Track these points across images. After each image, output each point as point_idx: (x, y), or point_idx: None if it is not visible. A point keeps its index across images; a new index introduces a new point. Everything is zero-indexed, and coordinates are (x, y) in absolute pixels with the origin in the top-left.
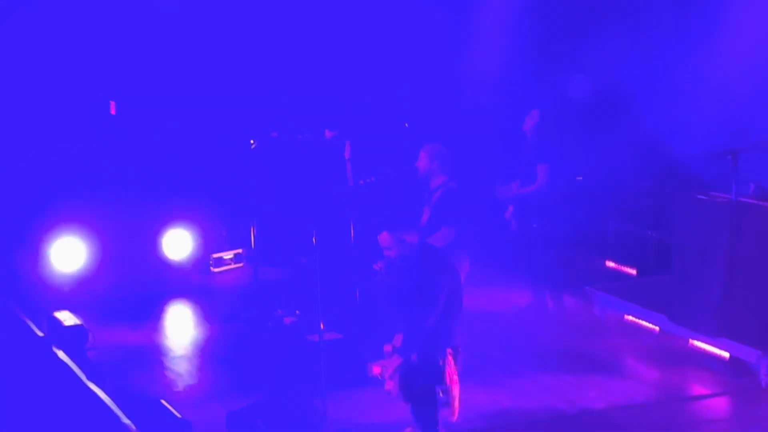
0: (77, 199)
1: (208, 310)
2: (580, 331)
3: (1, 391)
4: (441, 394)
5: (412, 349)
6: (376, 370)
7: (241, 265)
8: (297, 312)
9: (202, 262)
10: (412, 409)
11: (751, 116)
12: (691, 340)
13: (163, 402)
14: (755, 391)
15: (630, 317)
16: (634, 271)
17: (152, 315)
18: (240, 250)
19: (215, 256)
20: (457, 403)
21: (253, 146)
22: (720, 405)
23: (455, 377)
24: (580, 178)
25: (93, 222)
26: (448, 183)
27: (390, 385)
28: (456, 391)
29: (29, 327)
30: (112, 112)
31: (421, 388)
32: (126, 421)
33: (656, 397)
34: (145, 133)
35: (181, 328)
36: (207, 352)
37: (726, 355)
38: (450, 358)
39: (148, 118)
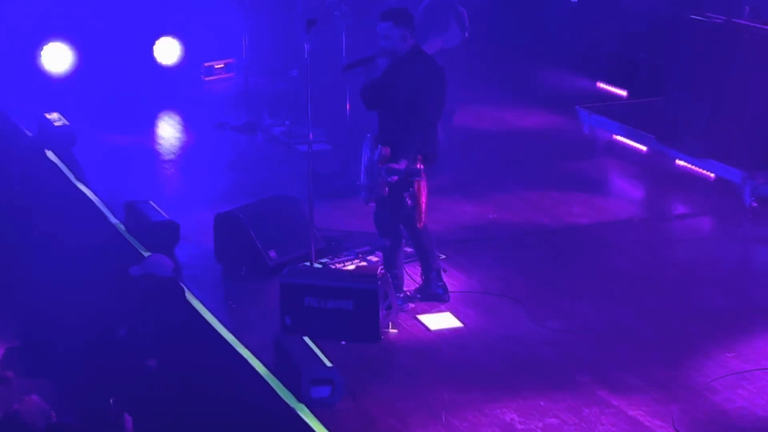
0: (67, 2)
1: (197, 118)
2: (568, 150)
3: None
4: (408, 201)
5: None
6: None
7: (231, 74)
8: (286, 122)
9: (193, 70)
10: (375, 213)
11: None
12: (677, 161)
13: (151, 203)
14: (738, 211)
15: (618, 137)
16: (624, 93)
17: (142, 120)
18: (231, 60)
19: (206, 64)
20: (423, 209)
21: None
22: (703, 224)
23: (424, 184)
24: (575, 0)
25: (83, 27)
26: None
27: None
28: (423, 198)
29: (19, 128)
30: None
31: (390, 192)
32: (113, 220)
33: (640, 214)
34: None
35: (170, 133)
36: (196, 158)
37: (711, 175)
38: (420, 164)
39: None
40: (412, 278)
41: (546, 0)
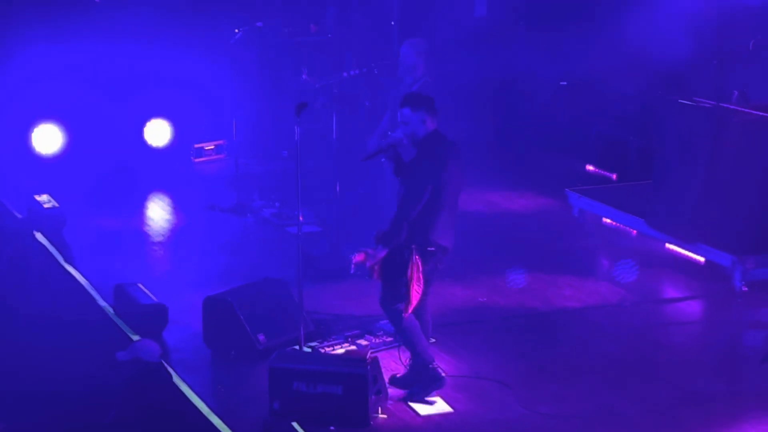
0: (59, 85)
1: (187, 199)
2: (558, 233)
3: None
4: (402, 288)
5: (390, 240)
6: (358, 257)
7: (222, 156)
8: (276, 204)
9: (183, 151)
10: (380, 298)
11: (736, 22)
12: (667, 244)
13: (140, 286)
14: (728, 296)
15: (608, 220)
16: (614, 176)
17: (132, 202)
18: (221, 141)
19: (197, 146)
20: (412, 300)
21: (237, 35)
22: (693, 308)
23: (417, 275)
24: (564, 83)
25: (74, 108)
26: (425, 77)
27: (375, 275)
28: (414, 289)
29: (8, 210)
30: None
31: (386, 278)
32: (102, 302)
33: (630, 298)
34: (131, 21)
35: (160, 215)
36: (185, 240)
37: (701, 259)
38: (416, 254)
39: (133, 7)
40: (402, 363)
41: (535, 82)
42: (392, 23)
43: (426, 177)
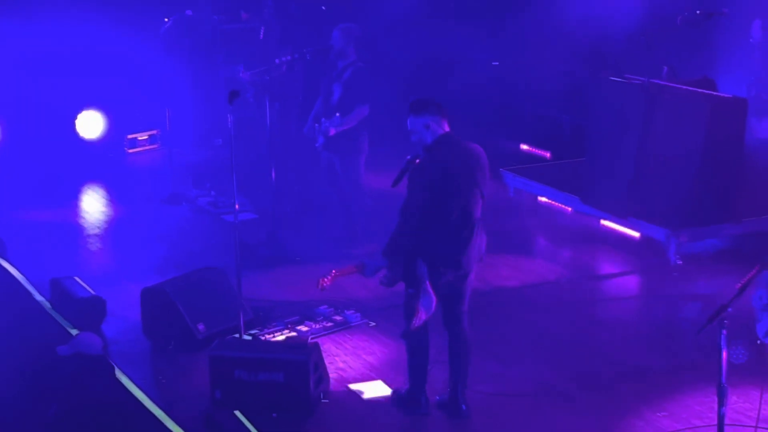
0: None
1: (122, 191)
2: (494, 213)
3: None
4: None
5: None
6: (330, 277)
7: (155, 146)
8: (212, 193)
9: (116, 143)
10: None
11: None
12: (602, 221)
13: (77, 279)
14: (663, 269)
15: (543, 199)
16: (548, 154)
17: (66, 195)
18: (155, 131)
19: (130, 136)
20: (419, 314)
21: (167, 23)
22: (629, 283)
23: (424, 293)
24: (496, 63)
25: (5, 101)
26: (358, 62)
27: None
28: (422, 302)
29: None
30: None
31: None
32: (39, 297)
33: (567, 275)
34: (60, 13)
35: (95, 208)
36: (120, 232)
37: (636, 234)
38: (423, 268)
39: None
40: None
41: (467, 62)
42: (323, 8)
43: (422, 183)
